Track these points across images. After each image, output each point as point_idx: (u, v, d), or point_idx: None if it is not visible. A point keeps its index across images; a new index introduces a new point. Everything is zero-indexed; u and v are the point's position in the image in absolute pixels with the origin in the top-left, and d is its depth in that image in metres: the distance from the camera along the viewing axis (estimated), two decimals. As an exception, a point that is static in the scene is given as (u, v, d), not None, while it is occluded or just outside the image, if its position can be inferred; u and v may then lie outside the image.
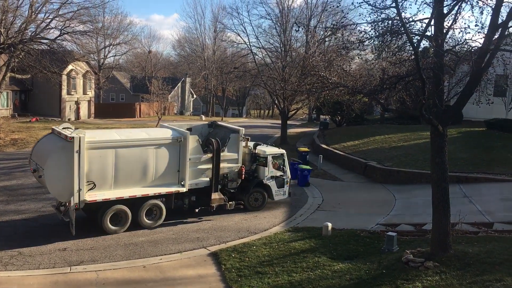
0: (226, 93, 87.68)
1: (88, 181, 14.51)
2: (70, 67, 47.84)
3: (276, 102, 40.44)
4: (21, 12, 38.86)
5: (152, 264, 13.12)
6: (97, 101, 67.32)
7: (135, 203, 15.56)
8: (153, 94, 54.84)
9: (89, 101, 59.24)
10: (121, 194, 15.17)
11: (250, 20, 61.39)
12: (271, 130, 50.15)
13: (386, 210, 18.95)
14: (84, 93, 57.40)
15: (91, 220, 15.51)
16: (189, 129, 17.86)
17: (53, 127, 15.88)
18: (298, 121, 69.09)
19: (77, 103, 55.96)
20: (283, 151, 19.89)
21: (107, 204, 15.01)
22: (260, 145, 19.55)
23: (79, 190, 14.28)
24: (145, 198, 15.69)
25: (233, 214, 18.17)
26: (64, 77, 47.82)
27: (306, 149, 30.32)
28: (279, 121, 42.94)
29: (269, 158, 18.94)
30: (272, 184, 19.10)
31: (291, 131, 45.34)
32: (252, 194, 18.66)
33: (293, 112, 41.81)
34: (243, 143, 18.39)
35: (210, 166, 17.14)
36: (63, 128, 15.15)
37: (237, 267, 12.65)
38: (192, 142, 16.67)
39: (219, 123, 20.45)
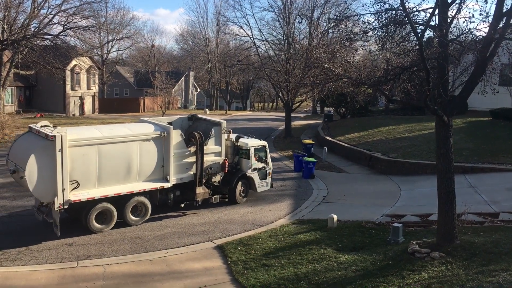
0: (230, 86, 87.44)
1: (71, 180, 14.03)
2: (73, 62, 47.98)
3: (280, 94, 40.35)
4: (24, 8, 39.11)
5: (159, 257, 13.21)
6: (101, 96, 67.41)
7: (120, 200, 15.27)
8: (157, 88, 54.90)
9: (93, 96, 59.36)
10: (106, 192, 14.82)
11: (253, 13, 60.96)
12: (276, 122, 50.11)
13: (391, 201, 18.94)
14: (88, 88, 57.51)
15: (74, 220, 15.14)
16: (170, 123, 17.47)
17: (30, 125, 15.25)
18: (302, 114, 68.88)
19: (81, 98, 56.10)
20: (265, 143, 19.84)
21: (91, 203, 14.63)
22: (242, 137, 19.36)
23: (63, 190, 13.80)
24: (130, 195, 15.42)
25: (239, 207, 18.25)
26: (68, 73, 47.91)
27: (310, 142, 30.35)
28: (283, 114, 42.87)
29: (252, 150, 18.89)
30: (255, 176, 19.05)
31: (295, 123, 45.27)
32: (237, 186, 18.51)
33: (297, 104, 41.68)
34: (226, 136, 18.15)
35: (194, 160, 16.87)
36: (42, 126, 14.55)
37: (243, 260, 12.71)
38: (176, 136, 16.34)
39: (200, 116, 20.17)
